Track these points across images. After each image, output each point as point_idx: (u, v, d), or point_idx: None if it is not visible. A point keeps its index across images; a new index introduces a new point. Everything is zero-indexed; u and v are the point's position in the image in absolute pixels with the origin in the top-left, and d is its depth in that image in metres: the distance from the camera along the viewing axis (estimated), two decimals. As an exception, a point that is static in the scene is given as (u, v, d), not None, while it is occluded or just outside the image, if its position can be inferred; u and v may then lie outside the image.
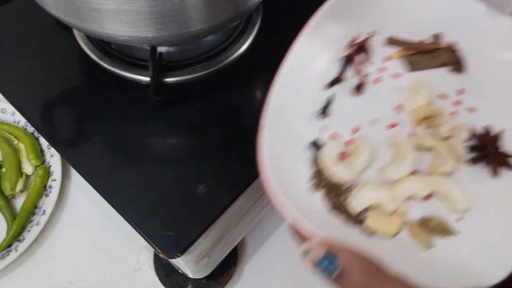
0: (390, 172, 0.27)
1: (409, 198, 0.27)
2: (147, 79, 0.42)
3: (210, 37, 0.45)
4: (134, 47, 0.45)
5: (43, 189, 0.54)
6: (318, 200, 0.26)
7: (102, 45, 0.45)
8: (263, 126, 0.27)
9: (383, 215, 0.26)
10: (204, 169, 0.39)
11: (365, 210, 0.26)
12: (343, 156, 0.28)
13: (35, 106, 0.43)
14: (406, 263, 0.23)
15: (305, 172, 0.27)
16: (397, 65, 0.32)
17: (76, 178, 0.58)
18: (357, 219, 0.26)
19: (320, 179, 0.27)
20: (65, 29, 0.47)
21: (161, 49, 0.44)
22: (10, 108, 0.57)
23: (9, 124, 0.56)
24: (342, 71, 0.31)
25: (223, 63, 0.45)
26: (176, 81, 0.43)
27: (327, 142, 0.28)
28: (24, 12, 0.50)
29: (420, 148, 0.28)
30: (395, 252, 0.24)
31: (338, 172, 0.27)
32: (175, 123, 0.42)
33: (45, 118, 0.42)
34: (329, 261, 0.21)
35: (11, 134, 0.56)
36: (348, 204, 0.26)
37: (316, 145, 0.28)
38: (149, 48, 0.42)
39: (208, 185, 0.38)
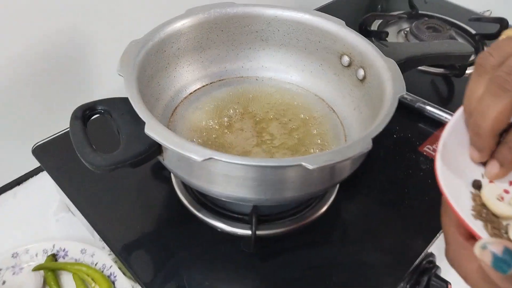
0: None
1: None
2: (242, 231, 0.45)
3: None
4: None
5: (114, 335, 0.53)
6: (480, 225, 0.29)
7: (199, 196, 0.49)
8: (438, 150, 0.31)
9: None
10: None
11: None
12: (501, 199, 0.31)
13: (130, 249, 0.45)
14: None
15: (469, 201, 0.30)
16: None
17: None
18: None
19: (481, 211, 0.30)
20: (166, 182, 0.51)
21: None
22: (90, 249, 0.60)
23: (87, 266, 0.58)
24: None
25: (309, 219, 0.47)
26: (268, 234, 0.45)
27: (487, 185, 0.31)
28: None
29: None
30: None
31: (498, 207, 0.30)
32: (267, 276, 0.43)
33: (139, 261, 0.44)
34: (509, 255, 0.22)
35: (88, 276, 0.57)
36: (507, 236, 0.28)
37: (477, 185, 0.31)
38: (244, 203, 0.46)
39: None
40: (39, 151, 0.54)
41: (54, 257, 0.59)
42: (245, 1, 0.52)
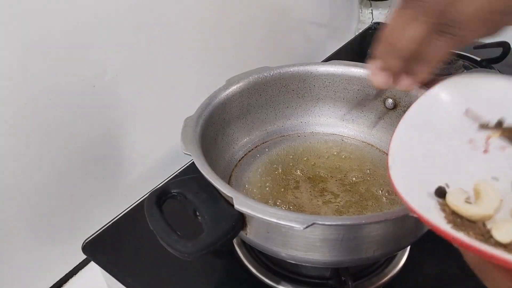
0: None
1: None
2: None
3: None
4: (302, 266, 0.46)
5: None
6: (462, 236, 0.26)
7: (272, 266, 0.46)
8: (389, 167, 0.31)
9: None
10: None
11: None
12: (469, 200, 0.28)
13: None
14: None
15: (439, 212, 0.28)
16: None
17: None
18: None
19: (455, 221, 0.27)
20: (229, 256, 0.49)
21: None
22: None
23: None
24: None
25: (391, 273, 0.45)
26: (359, 295, 0.43)
27: (451, 191, 0.29)
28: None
29: None
30: None
31: (470, 211, 0.27)
32: None
33: None
34: None
35: None
36: (494, 238, 0.25)
37: (441, 192, 0.29)
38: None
39: None
40: (89, 248, 0.51)
41: None
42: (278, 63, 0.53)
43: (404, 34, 0.32)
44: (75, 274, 0.59)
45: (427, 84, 0.36)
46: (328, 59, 0.88)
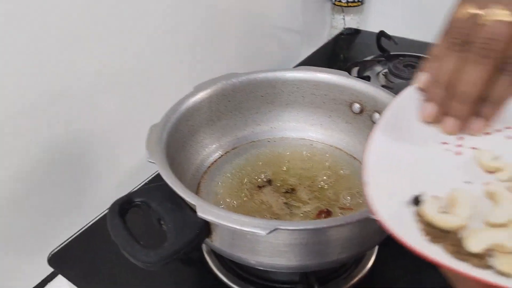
0: (496, 217, 0.27)
1: None
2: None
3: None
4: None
5: None
6: (440, 249, 0.26)
7: (241, 272, 0.46)
8: (365, 179, 0.29)
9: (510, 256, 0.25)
10: None
11: (488, 253, 0.25)
12: (444, 209, 0.28)
13: None
14: None
15: (415, 223, 0.27)
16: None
17: None
18: (486, 265, 0.24)
19: (433, 233, 0.27)
20: (200, 265, 0.48)
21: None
22: None
23: None
24: None
25: (360, 275, 0.45)
26: (327, 299, 0.43)
27: (427, 200, 0.28)
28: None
29: None
30: None
31: (445, 222, 0.27)
32: None
33: None
34: None
35: None
36: (466, 248, 0.25)
37: (417, 201, 0.28)
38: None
39: None
40: (55, 260, 0.50)
41: None
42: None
43: (466, 78, 0.30)
44: (43, 287, 0.57)
45: None
46: (301, 64, 0.89)
